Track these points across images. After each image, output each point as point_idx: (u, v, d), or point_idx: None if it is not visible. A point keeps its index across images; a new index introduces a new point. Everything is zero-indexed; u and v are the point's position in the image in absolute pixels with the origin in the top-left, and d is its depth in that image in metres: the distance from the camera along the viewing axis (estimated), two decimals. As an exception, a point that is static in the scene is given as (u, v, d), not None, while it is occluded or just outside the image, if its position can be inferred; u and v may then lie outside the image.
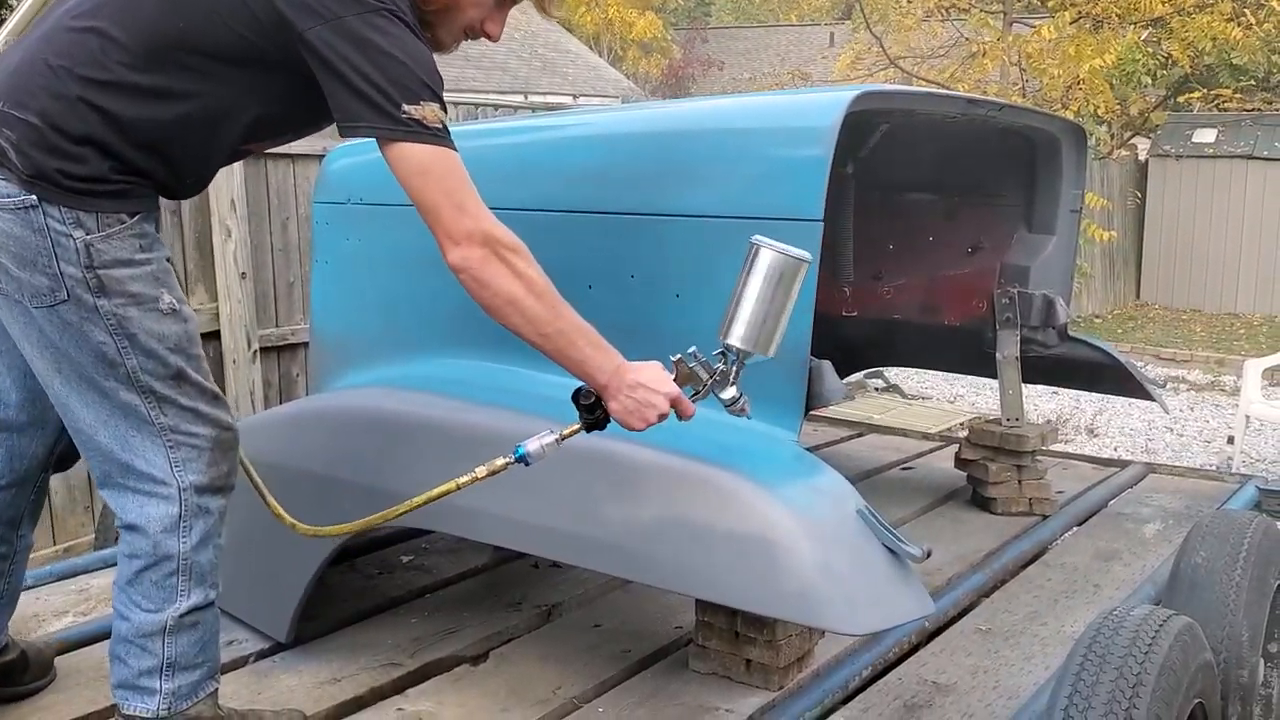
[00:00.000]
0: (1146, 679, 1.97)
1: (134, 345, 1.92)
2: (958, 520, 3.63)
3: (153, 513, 1.98)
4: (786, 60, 22.75)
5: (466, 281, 1.91)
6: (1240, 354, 10.78)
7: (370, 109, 1.84)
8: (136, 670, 2.03)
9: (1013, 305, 3.55)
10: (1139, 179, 14.41)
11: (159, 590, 2.01)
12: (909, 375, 9.82)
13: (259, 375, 5.61)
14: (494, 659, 2.62)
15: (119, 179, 1.90)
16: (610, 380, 2.00)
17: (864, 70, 13.36)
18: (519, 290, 1.91)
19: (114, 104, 1.86)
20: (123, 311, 1.91)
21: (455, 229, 1.88)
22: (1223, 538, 2.70)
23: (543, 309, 1.94)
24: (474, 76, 16.19)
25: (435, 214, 1.88)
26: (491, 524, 2.35)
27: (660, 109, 3.19)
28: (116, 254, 1.90)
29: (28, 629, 2.80)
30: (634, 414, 2.00)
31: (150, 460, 1.97)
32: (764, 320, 2.01)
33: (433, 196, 1.88)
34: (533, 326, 1.95)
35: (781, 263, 2.00)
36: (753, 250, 2.02)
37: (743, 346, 2.03)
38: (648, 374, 2.01)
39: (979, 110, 3.05)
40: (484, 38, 2.21)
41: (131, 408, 1.95)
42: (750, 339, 2.02)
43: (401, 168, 1.87)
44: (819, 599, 2.00)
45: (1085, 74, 11.22)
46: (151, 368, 1.94)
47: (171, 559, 2.00)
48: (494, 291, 1.91)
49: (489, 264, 1.89)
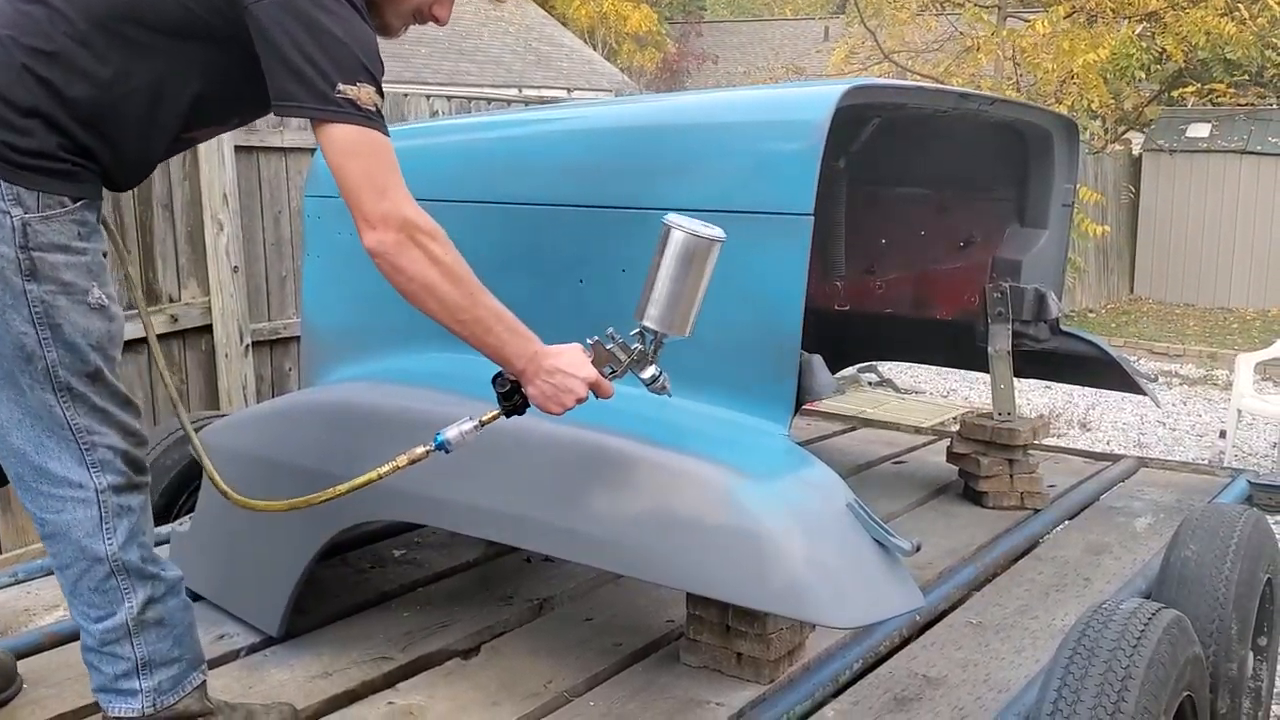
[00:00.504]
0: (1135, 672, 1.98)
1: (56, 337, 1.87)
2: (949, 514, 3.63)
3: (71, 518, 1.94)
4: (781, 54, 22.75)
5: (382, 266, 1.89)
6: (1233, 348, 10.80)
7: (304, 89, 1.83)
8: (112, 675, 2.02)
9: (1004, 299, 3.55)
10: (1133, 174, 14.43)
11: (101, 596, 1.98)
12: (901, 369, 9.83)
13: (251, 369, 5.60)
14: (485, 653, 2.62)
15: (66, 158, 1.87)
16: (528, 366, 2.01)
17: (858, 64, 13.35)
18: (434, 276, 1.90)
19: (59, 76, 1.83)
20: (51, 299, 1.86)
21: (372, 212, 1.86)
22: (1213, 531, 2.71)
23: (459, 295, 1.93)
24: (468, 70, 16.18)
25: (355, 196, 1.87)
26: (482, 518, 2.35)
27: (653, 103, 3.18)
28: (54, 238, 1.86)
29: (18, 623, 2.80)
30: (552, 399, 2.02)
31: (65, 463, 1.92)
32: (678, 300, 2.02)
33: (355, 178, 1.86)
34: (449, 313, 1.94)
35: (693, 243, 1.99)
36: (665, 231, 2.01)
37: (657, 327, 2.04)
38: (566, 358, 2.02)
39: (971, 105, 3.05)
40: (432, 21, 2.20)
41: (47, 407, 1.90)
42: (665, 320, 2.03)
43: (329, 148, 1.87)
44: (809, 593, 2.01)
45: (1079, 69, 11.22)
46: (70, 362, 1.89)
47: (102, 562, 1.95)
48: (409, 277, 1.90)
49: (404, 249, 1.88)
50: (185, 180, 5.33)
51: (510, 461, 2.33)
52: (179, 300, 5.31)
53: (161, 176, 5.23)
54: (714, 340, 2.37)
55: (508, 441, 2.34)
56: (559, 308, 2.64)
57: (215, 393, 5.50)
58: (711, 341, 2.37)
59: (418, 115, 6.44)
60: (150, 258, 5.20)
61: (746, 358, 2.32)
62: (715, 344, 2.37)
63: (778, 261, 2.26)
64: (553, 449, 2.30)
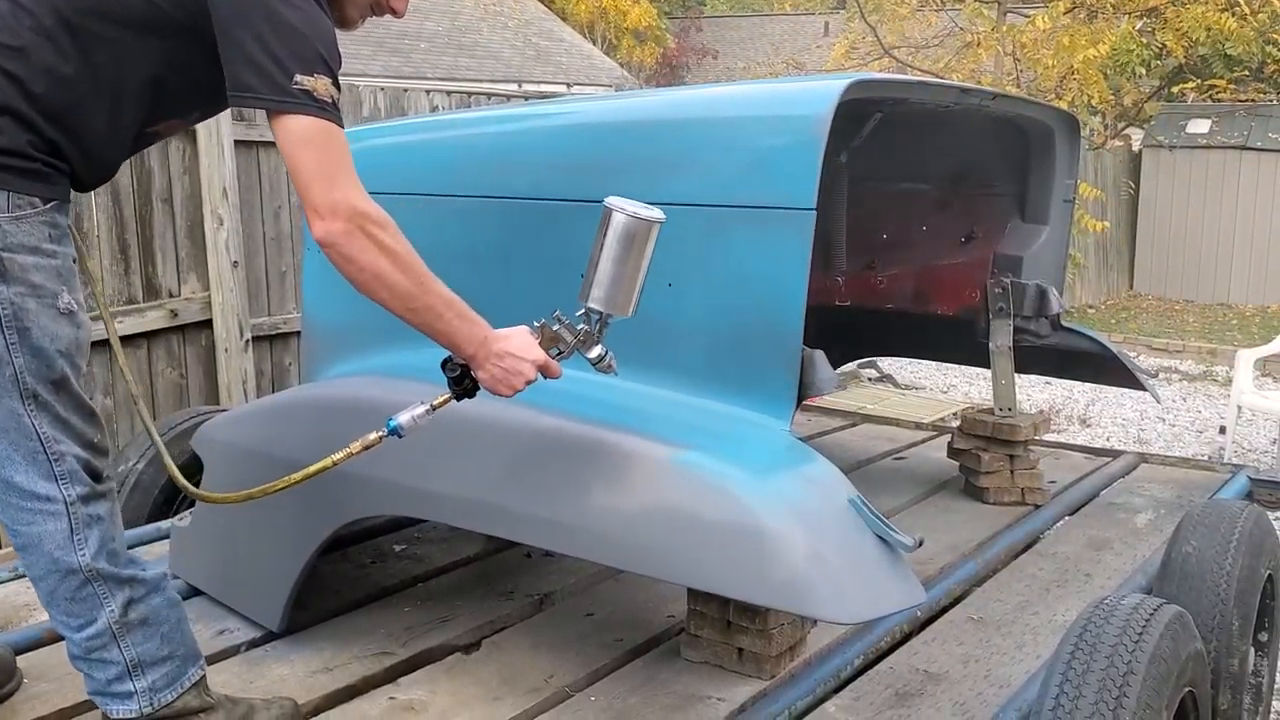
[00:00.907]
0: (1137, 668, 1.98)
1: (23, 342, 1.84)
2: (950, 510, 3.63)
3: (42, 530, 1.92)
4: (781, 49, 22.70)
5: (332, 256, 1.90)
6: (1232, 344, 10.81)
7: (262, 80, 1.84)
8: (104, 680, 2.02)
9: (1006, 295, 3.55)
10: (1132, 169, 14.43)
11: (79, 604, 1.96)
12: (901, 365, 9.83)
13: (251, 364, 5.60)
14: (486, 647, 2.62)
15: (37, 156, 1.85)
16: (478, 350, 2.04)
17: (858, 60, 13.32)
18: (385, 265, 1.91)
19: (27, 73, 1.82)
20: (20, 302, 1.83)
21: (323, 201, 1.86)
22: (1214, 527, 2.71)
23: (409, 283, 1.94)
24: (467, 65, 16.16)
25: (306, 186, 1.87)
26: (483, 513, 2.35)
27: (653, 97, 3.17)
28: (24, 239, 1.84)
29: (18, 618, 2.80)
30: (502, 382, 2.05)
31: (31, 476, 1.90)
32: (620, 281, 2.06)
33: (307, 168, 1.86)
34: (400, 301, 1.95)
35: (634, 224, 2.03)
36: (606, 213, 2.04)
37: (601, 308, 2.08)
38: (515, 342, 2.06)
39: (972, 99, 3.04)
40: (390, 14, 2.20)
41: (14, 416, 1.87)
42: (609, 300, 2.07)
43: (284, 138, 1.87)
44: (810, 588, 2.00)
45: (1079, 64, 11.20)
46: (36, 368, 1.86)
47: (76, 573, 1.94)
48: (360, 266, 1.90)
49: (354, 238, 1.88)
50: (185, 175, 5.33)
51: (511, 457, 2.33)
52: (179, 295, 5.31)
53: (161, 171, 5.23)
54: (716, 335, 2.37)
55: (510, 437, 2.34)
56: (560, 302, 2.64)
57: (215, 387, 5.50)
58: (713, 337, 2.38)
59: (417, 110, 6.44)
60: (150, 252, 5.20)
61: (748, 353, 2.32)
62: (717, 339, 2.37)
63: (780, 257, 2.26)
64: (553, 444, 2.30)
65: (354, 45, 15.20)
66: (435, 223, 2.87)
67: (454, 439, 2.41)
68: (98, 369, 4.96)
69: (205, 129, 5.27)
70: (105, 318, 2.33)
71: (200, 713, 2.09)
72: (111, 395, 5.05)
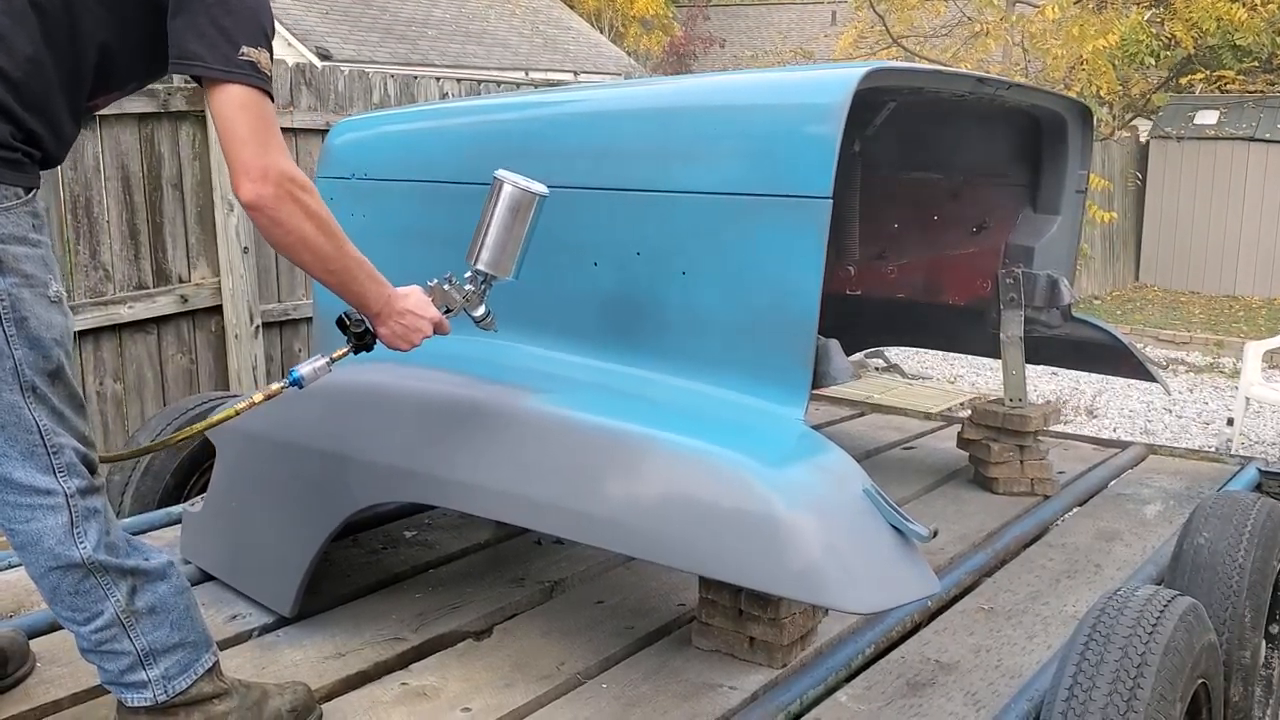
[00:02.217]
0: (1151, 659, 1.98)
1: (21, 333, 1.83)
2: (959, 500, 3.63)
3: (41, 526, 1.90)
4: (788, 38, 22.66)
5: (261, 219, 1.94)
6: (1239, 336, 10.79)
7: (210, 50, 1.88)
8: (116, 671, 2.01)
9: (1017, 285, 3.54)
10: (1140, 160, 14.38)
11: (82, 599, 1.95)
12: (908, 354, 9.82)
13: (261, 350, 5.60)
14: (498, 634, 2.62)
15: (17, 146, 1.85)
16: (383, 308, 2.16)
17: (866, 49, 13.31)
18: (309, 229, 1.97)
19: (5, 60, 1.82)
20: (16, 293, 1.82)
21: (256, 165, 1.90)
22: (1226, 519, 2.71)
23: (330, 246, 2.02)
24: (474, 53, 16.13)
25: (241, 148, 1.90)
26: (495, 500, 2.35)
27: (667, 85, 3.17)
28: (14, 229, 1.83)
29: (31, 602, 2.80)
30: (402, 337, 2.20)
31: (29, 471, 1.87)
32: (505, 246, 2.27)
33: (243, 132, 1.90)
34: (321, 263, 2.04)
35: (520, 195, 2.25)
36: (497, 184, 2.25)
37: (487, 269, 2.28)
38: (413, 301, 2.19)
39: (987, 89, 3.03)
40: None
41: (14, 410, 1.85)
42: (493, 263, 2.28)
43: (225, 103, 1.90)
44: (824, 577, 2.00)
45: (1088, 54, 11.19)
46: (34, 360, 1.85)
47: (78, 567, 1.92)
48: (287, 229, 1.96)
49: (284, 202, 1.93)
50: (195, 160, 5.33)
51: (524, 444, 2.32)
52: (189, 281, 5.31)
53: (172, 157, 5.23)
54: (730, 324, 2.37)
55: (523, 425, 2.34)
56: (573, 291, 2.64)
57: (225, 373, 5.50)
58: (728, 326, 2.37)
59: (427, 98, 6.43)
60: (160, 238, 5.20)
61: (763, 342, 2.32)
62: (732, 328, 2.37)
63: (795, 245, 2.25)
64: (567, 432, 2.30)
65: (361, 32, 15.18)
66: (446, 209, 2.87)
67: (466, 426, 2.41)
68: (107, 355, 4.98)
69: (215, 115, 5.26)
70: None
71: (214, 699, 2.09)
72: (121, 381, 5.06)
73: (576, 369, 2.55)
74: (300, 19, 14.65)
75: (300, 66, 5.95)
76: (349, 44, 14.64)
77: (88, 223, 4.90)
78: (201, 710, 2.07)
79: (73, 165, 4.81)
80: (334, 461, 2.55)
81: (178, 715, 2.05)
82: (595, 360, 2.55)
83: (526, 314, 2.70)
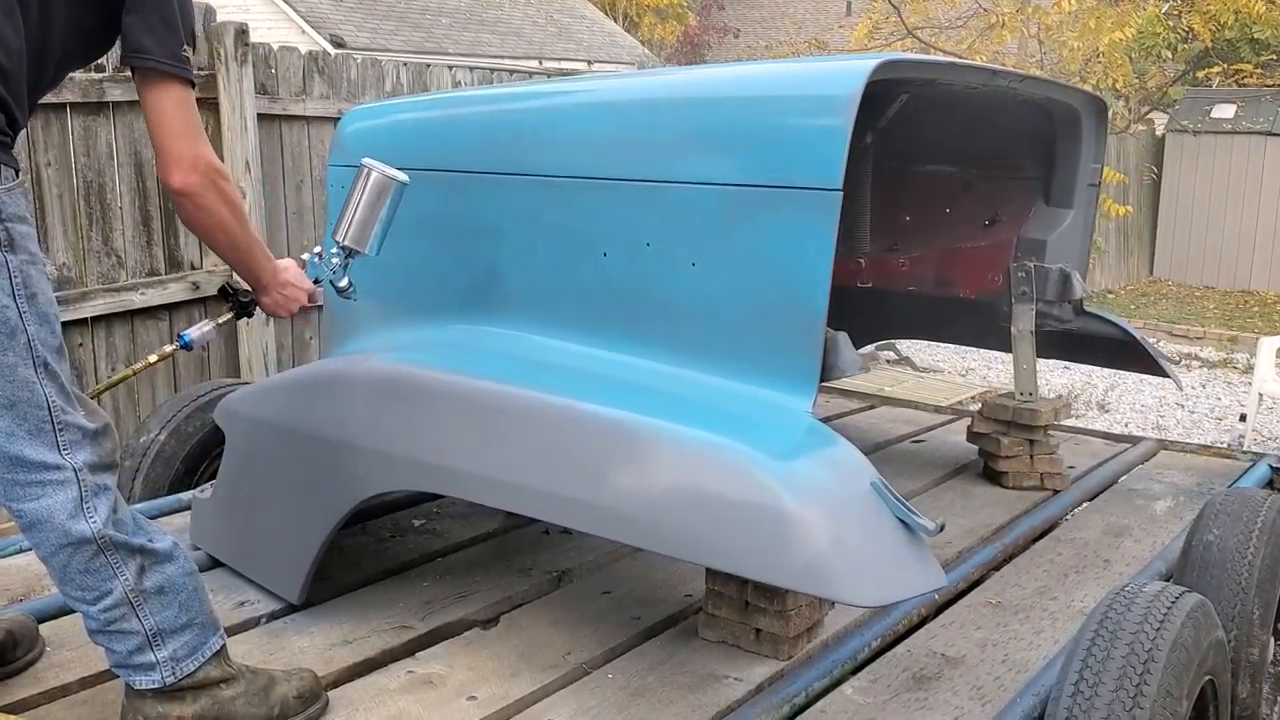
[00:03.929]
0: (1158, 655, 1.97)
1: (33, 309, 1.89)
2: (968, 494, 3.63)
3: (52, 503, 1.92)
4: (803, 29, 22.57)
5: (186, 204, 2.11)
6: (1253, 332, 10.73)
7: (160, 46, 2.02)
8: (125, 652, 2.02)
9: (1029, 279, 3.53)
10: (1155, 154, 14.31)
11: (92, 577, 1.96)
12: (919, 348, 9.80)
13: (271, 338, 5.62)
14: (504, 623, 2.63)
15: (6, 130, 1.91)
16: (270, 281, 2.42)
17: (881, 40, 13.25)
18: (226, 214, 2.17)
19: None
20: (26, 270, 1.88)
21: (188, 154, 2.06)
22: (1236, 516, 2.70)
23: (240, 229, 2.23)
24: (489, 41, 16.12)
25: (175, 139, 2.05)
26: (502, 490, 2.35)
27: (679, 75, 3.16)
28: (15, 209, 1.88)
29: (40, 587, 2.82)
30: (283, 306, 2.48)
31: (39, 447, 1.91)
32: (367, 225, 2.57)
33: (178, 125, 2.06)
34: (231, 244, 2.25)
35: (383, 181, 2.55)
36: (364, 170, 2.56)
37: (352, 245, 2.58)
38: (292, 274, 2.49)
39: (1001, 81, 3.02)
40: None
41: (28, 386, 1.89)
42: (357, 239, 2.57)
43: (164, 98, 2.04)
44: (830, 570, 2.00)
45: (1104, 47, 11.13)
46: (44, 337, 1.90)
47: (89, 542, 1.94)
48: (209, 213, 2.14)
49: (209, 190, 2.10)
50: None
51: (532, 435, 2.33)
52: (200, 268, 5.32)
53: (183, 143, 5.23)
54: (739, 316, 2.36)
55: (531, 415, 2.34)
56: (582, 280, 2.64)
57: (236, 360, 5.52)
58: (736, 317, 2.37)
59: (440, 86, 6.42)
60: (172, 224, 5.21)
61: (772, 334, 2.31)
62: (740, 320, 2.36)
63: (805, 237, 2.25)
64: (575, 423, 2.30)
65: (375, 20, 15.17)
66: (457, 198, 2.87)
67: (474, 416, 2.41)
68: (119, 341, 4.99)
69: (229, 103, 5.28)
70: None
71: (221, 683, 2.10)
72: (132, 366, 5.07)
73: (585, 359, 2.55)
74: (315, 6, 14.66)
75: (313, 54, 5.95)
76: (363, 31, 14.64)
77: (100, 209, 4.91)
78: (209, 695, 2.08)
79: (86, 151, 4.82)
80: (342, 449, 2.56)
81: (184, 699, 2.06)
82: (603, 351, 2.55)
83: (535, 304, 2.70)
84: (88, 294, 4.85)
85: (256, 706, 2.13)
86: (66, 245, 4.81)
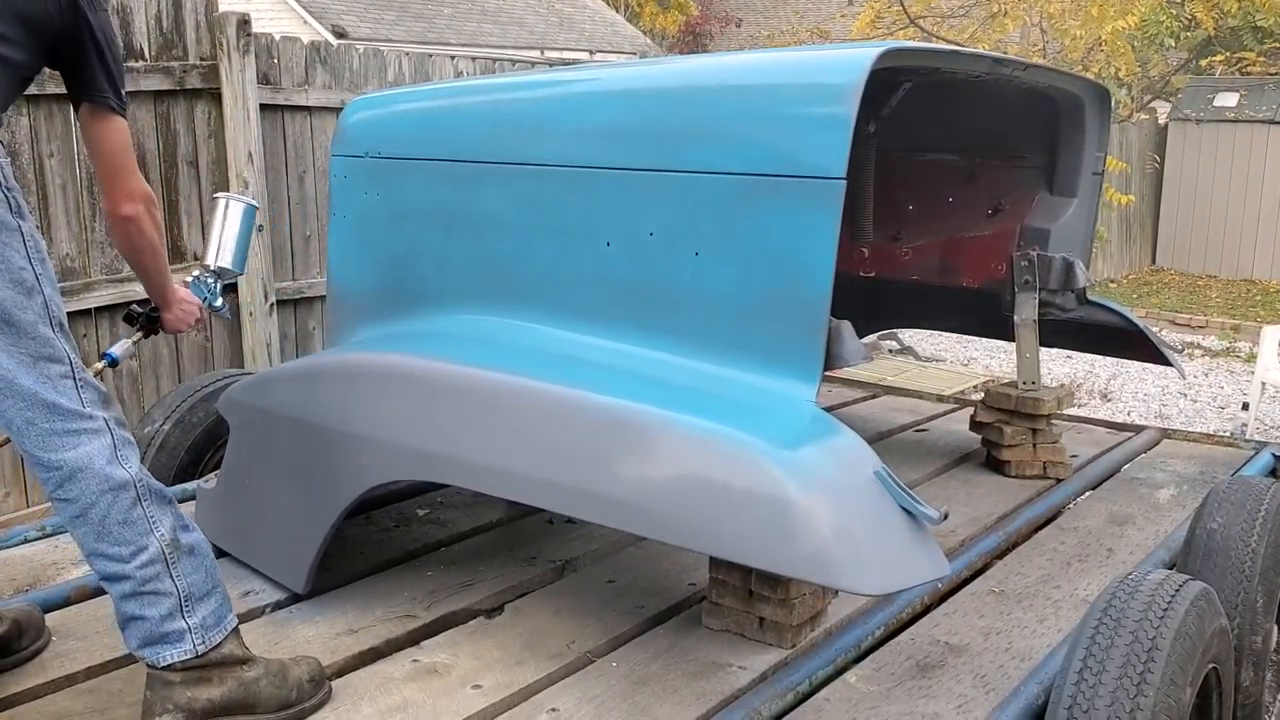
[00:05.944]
0: (1162, 643, 1.98)
1: (45, 272, 2.01)
2: (971, 483, 3.63)
3: (90, 449, 1.99)
4: (806, 18, 22.49)
5: (130, 229, 2.39)
6: (1256, 320, 10.72)
7: (112, 86, 2.26)
8: (157, 617, 2.02)
9: (1032, 268, 3.53)
10: (1158, 143, 14.27)
11: (129, 528, 2.01)
12: (922, 337, 9.80)
13: (275, 328, 5.62)
14: (509, 612, 2.63)
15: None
16: (172, 298, 2.80)
17: (883, 29, 13.21)
18: (155, 238, 2.46)
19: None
20: (36, 236, 2.01)
21: (135, 188, 2.35)
22: (1239, 504, 2.70)
23: (161, 250, 2.53)
24: (490, 31, 16.09)
25: (124, 175, 2.33)
26: (507, 479, 2.36)
27: (681, 64, 3.15)
28: (13, 182, 2.00)
29: (46, 576, 2.82)
30: (182, 320, 2.87)
31: (73, 397, 2.00)
32: (230, 248, 3.09)
33: (125, 161, 2.33)
34: (154, 263, 2.54)
35: (239, 207, 3.10)
36: (224, 202, 3.12)
37: (224, 266, 3.09)
38: (184, 292, 2.90)
39: (1004, 70, 3.01)
40: None
41: (50, 343, 1.99)
42: (229, 261, 3.10)
43: (112, 134, 2.29)
44: (834, 559, 2.00)
45: (1107, 35, 11.10)
46: (57, 300, 2.03)
47: (127, 486, 2.01)
48: (146, 238, 2.43)
49: (146, 219, 2.39)
50: (210, 138, 5.34)
51: (535, 424, 2.33)
52: (204, 258, 5.31)
53: (187, 134, 5.24)
54: (742, 305, 2.36)
55: (535, 404, 2.34)
56: (585, 270, 2.64)
57: (240, 351, 5.52)
58: (739, 306, 2.37)
59: (442, 76, 6.42)
60: (175, 215, 5.21)
61: (775, 324, 2.31)
62: (744, 309, 2.36)
63: (808, 226, 2.24)
64: (579, 412, 2.31)
65: (377, 10, 15.14)
66: (459, 188, 2.87)
67: (479, 406, 2.41)
68: (123, 331, 4.99)
69: (232, 93, 5.27)
70: None
71: (244, 663, 2.13)
72: (137, 357, 5.08)
73: (588, 349, 2.55)
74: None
75: (315, 44, 5.94)
76: (365, 22, 14.61)
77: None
78: (234, 676, 2.11)
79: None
80: (347, 439, 2.56)
81: (211, 680, 2.08)
82: (607, 340, 2.55)
83: (539, 294, 2.70)
84: (91, 284, 4.85)
85: (278, 688, 2.15)
86: (70, 236, 4.81)
